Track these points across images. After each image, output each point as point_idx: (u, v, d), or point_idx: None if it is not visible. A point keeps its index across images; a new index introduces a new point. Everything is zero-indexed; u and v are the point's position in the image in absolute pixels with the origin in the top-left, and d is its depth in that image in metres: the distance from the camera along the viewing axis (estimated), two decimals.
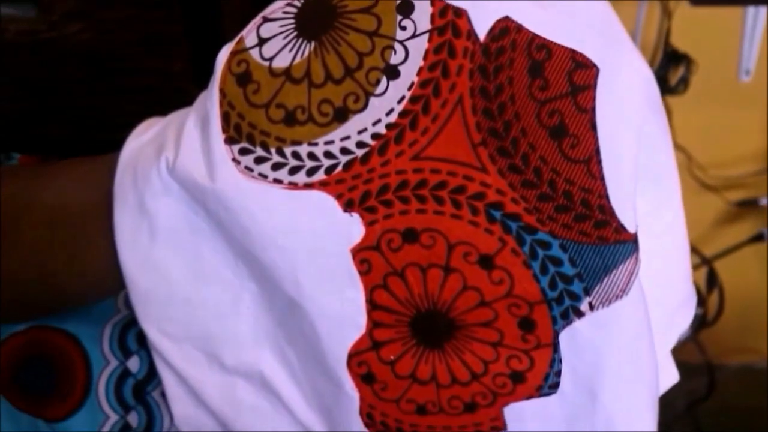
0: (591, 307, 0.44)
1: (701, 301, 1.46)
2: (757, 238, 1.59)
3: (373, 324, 0.46)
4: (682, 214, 0.49)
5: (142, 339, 0.60)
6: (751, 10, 1.41)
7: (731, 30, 1.47)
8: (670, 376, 0.53)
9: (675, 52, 1.44)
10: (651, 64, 1.47)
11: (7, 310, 0.56)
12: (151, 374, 0.60)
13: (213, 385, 0.51)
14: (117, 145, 0.51)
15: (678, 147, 1.57)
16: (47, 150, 0.73)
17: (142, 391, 0.60)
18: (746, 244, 1.59)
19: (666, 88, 1.46)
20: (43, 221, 0.52)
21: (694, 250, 1.54)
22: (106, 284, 0.53)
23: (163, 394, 0.59)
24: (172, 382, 0.52)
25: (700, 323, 1.42)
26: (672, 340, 0.52)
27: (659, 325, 0.49)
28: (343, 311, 0.46)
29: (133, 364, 0.60)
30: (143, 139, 0.50)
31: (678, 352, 0.52)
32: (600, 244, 0.43)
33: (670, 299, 0.51)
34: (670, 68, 1.45)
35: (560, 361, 0.45)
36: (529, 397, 0.47)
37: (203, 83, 0.49)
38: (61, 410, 0.59)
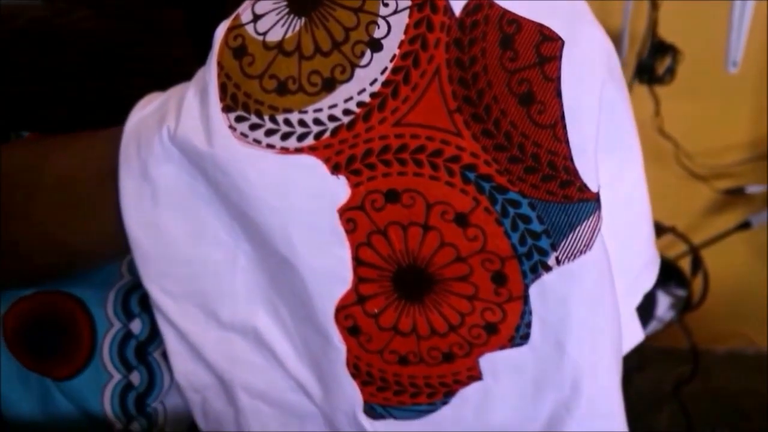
0: (558, 261, 0.48)
1: (686, 284, 1.50)
2: (744, 225, 1.62)
3: (359, 279, 0.50)
4: (643, 179, 0.53)
5: (144, 303, 0.64)
6: (738, 2, 1.45)
7: (719, 21, 1.50)
8: (634, 335, 0.57)
9: (662, 43, 1.48)
10: (639, 54, 1.51)
11: (19, 273, 0.60)
12: (153, 336, 0.64)
13: (211, 340, 0.55)
14: (121, 123, 0.55)
15: (666, 136, 1.60)
16: (55, 130, 0.76)
17: (144, 351, 0.63)
18: (733, 232, 1.62)
19: (653, 78, 1.49)
20: (54, 188, 0.56)
21: (682, 237, 1.58)
22: (112, 247, 0.56)
23: (164, 354, 0.63)
24: (173, 339, 0.55)
25: (684, 306, 1.46)
26: (636, 300, 0.56)
27: (623, 284, 0.53)
28: (330, 268, 0.50)
29: (136, 326, 0.64)
30: (145, 111, 0.54)
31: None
32: (565, 203, 0.47)
33: (634, 260, 0.54)
34: (657, 58, 1.48)
35: (530, 313, 0.49)
36: (502, 347, 0.50)
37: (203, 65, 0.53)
38: (68, 369, 0.63)
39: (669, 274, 1.50)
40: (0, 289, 0.62)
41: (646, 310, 1.48)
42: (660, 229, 1.49)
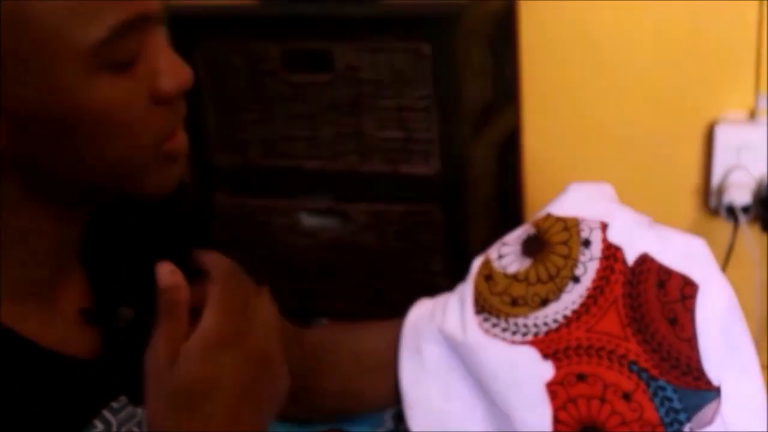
0: (691, 430, 0.72)
1: None
2: None
3: None
4: (761, 385, 0.76)
5: None
6: None
7: None
8: None
9: None
10: None
11: (321, 417, 0.90)
12: None
13: None
14: (385, 318, 0.85)
15: None
16: (339, 319, 1.08)
17: None
18: None
19: None
20: (352, 355, 0.86)
21: None
22: (387, 399, 0.85)
23: None
24: None
25: None
26: None
27: None
28: (537, 422, 0.76)
29: None
30: (420, 310, 0.83)
31: None
32: (696, 390, 0.72)
33: None
34: None
35: None
36: None
37: (453, 280, 0.82)
38: None
39: None
40: (306, 421, 0.91)
41: None
42: None
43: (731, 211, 1.46)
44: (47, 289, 0.69)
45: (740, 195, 1.45)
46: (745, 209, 1.45)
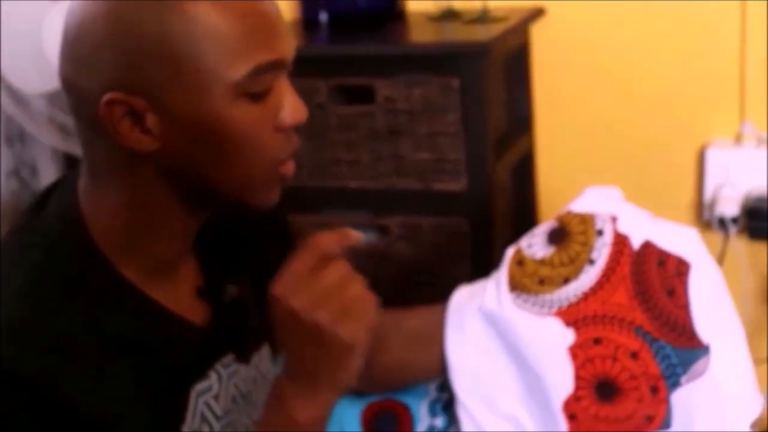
0: (686, 381, 0.90)
1: None
2: None
3: (576, 387, 0.94)
4: (743, 342, 0.94)
5: (444, 408, 1.09)
6: None
7: None
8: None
9: None
10: None
11: (378, 388, 1.07)
12: (447, 428, 1.08)
13: (489, 423, 0.99)
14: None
15: None
16: None
17: None
18: None
19: None
20: (409, 335, 1.04)
21: None
22: (435, 371, 1.03)
23: None
24: (467, 421, 1.00)
25: None
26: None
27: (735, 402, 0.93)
28: (562, 380, 0.94)
29: (437, 422, 1.09)
30: (461, 293, 1.01)
31: None
32: (690, 348, 0.90)
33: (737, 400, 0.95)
34: None
35: (671, 410, 0.91)
36: (655, 430, 0.92)
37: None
38: None
39: None
40: (362, 393, 1.09)
41: None
42: None
43: (722, 223, 1.65)
44: (171, 268, 0.86)
45: (729, 208, 1.64)
46: (734, 220, 1.64)
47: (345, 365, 0.79)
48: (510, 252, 0.99)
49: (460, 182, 1.46)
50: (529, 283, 0.96)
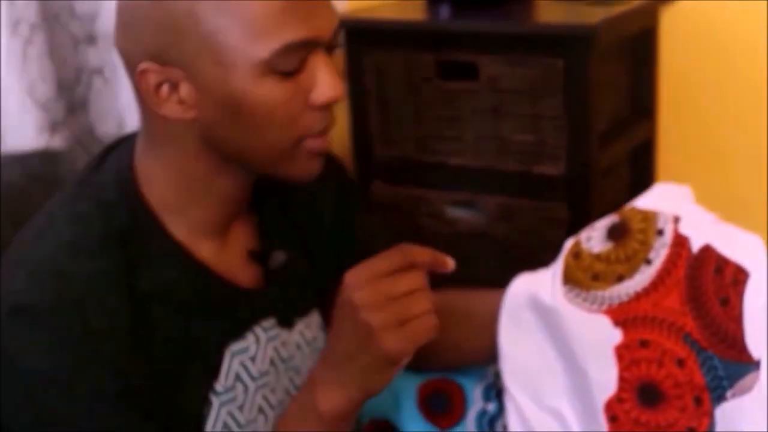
0: (732, 395, 0.86)
1: None
2: None
3: (619, 388, 0.91)
4: None
5: (497, 394, 1.08)
6: None
7: None
8: None
9: None
10: None
11: (436, 367, 1.07)
12: (498, 414, 1.07)
13: (534, 416, 0.98)
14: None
15: None
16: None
17: (493, 423, 1.07)
18: None
19: None
20: (466, 317, 1.03)
21: None
22: (487, 356, 1.02)
23: (504, 426, 1.06)
24: (513, 413, 0.99)
25: None
26: None
27: None
28: (605, 380, 0.91)
29: (490, 406, 1.08)
30: (520, 281, 1.00)
31: None
32: (739, 362, 0.85)
33: None
34: None
35: (715, 424, 0.87)
36: None
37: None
38: (448, 423, 1.08)
39: None
40: (420, 370, 1.09)
41: None
42: None
43: None
44: (222, 230, 0.89)
45: None
46: None
47: (380, 373, 0.79)
48: (569, 243, 0.96)
49: (560, 167, 1.43)
50: (582, 277, 0.93)
